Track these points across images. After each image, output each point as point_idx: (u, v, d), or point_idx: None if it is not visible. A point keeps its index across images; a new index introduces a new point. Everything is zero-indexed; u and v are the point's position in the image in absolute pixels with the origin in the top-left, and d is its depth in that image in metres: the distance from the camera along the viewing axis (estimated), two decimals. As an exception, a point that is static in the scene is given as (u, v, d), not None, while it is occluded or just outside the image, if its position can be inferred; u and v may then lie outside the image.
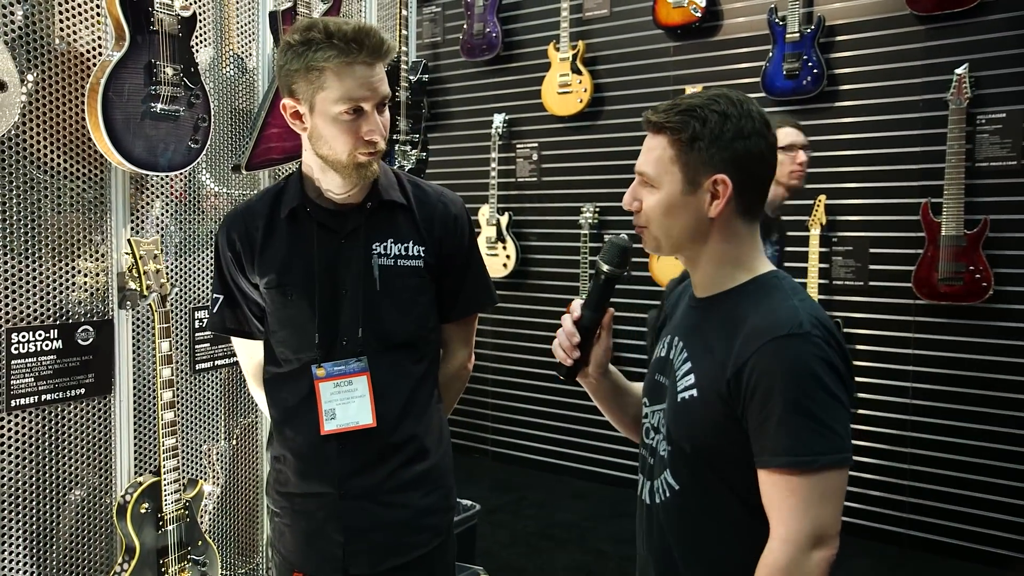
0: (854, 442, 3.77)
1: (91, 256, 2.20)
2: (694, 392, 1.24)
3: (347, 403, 1.55)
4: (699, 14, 4.05)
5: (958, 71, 3.41)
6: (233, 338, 1.76)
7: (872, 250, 3.73)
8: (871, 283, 3.73)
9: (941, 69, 3.54)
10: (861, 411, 3.77)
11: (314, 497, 1.60)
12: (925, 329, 3.62)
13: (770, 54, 3.86)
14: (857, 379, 3.77)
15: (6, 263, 2.03)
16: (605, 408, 1.51)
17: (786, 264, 3.89)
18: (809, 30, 3.75)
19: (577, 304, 1.39)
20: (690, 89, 4.10)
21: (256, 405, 2.69)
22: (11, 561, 2.06)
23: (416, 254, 1.59)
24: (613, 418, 1.53)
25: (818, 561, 1.14)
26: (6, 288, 2.03)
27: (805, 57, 3.76)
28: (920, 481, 3.63)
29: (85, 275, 2.19)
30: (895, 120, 3.67)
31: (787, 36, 3.78)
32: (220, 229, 1.67)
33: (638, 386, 1.51)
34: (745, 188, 1.25)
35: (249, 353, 1.74)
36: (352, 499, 1.57)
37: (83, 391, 2.17)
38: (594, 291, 1.37)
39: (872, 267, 3.73)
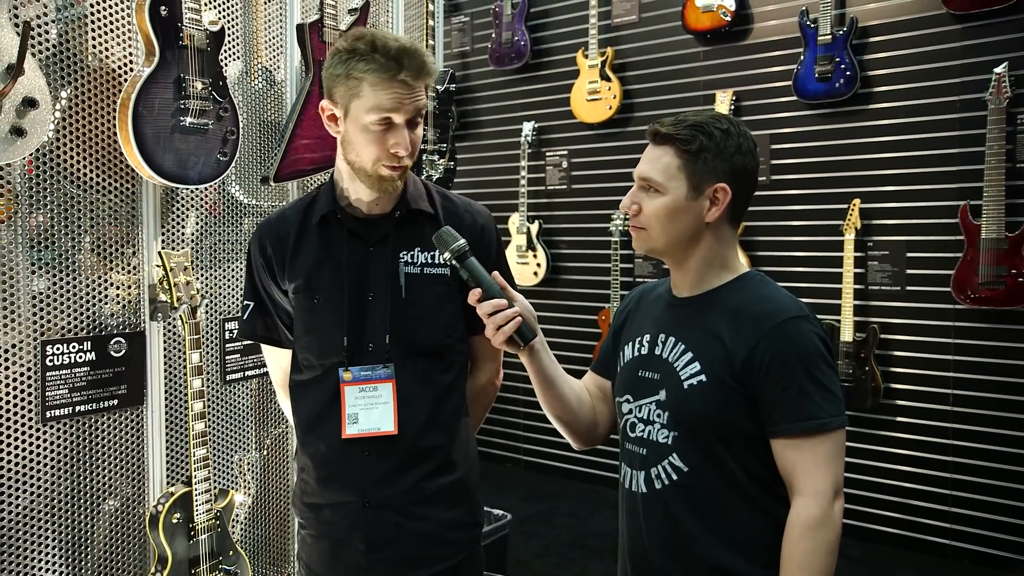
0: (895, 451, 3.70)
1: (123, 268, 2.23)
2: (702, 378, 1.38)
3: (370, 408, 1.55)
4: (729, 18, 4.01)
5: (997, 70, 3.33)
6: (263, 346, 1.78)
7: (909, 254, 3.65)
8: (908, 288, 3.65)
9: (979, 68, 3.46)
10: (901, 419, 3.69)
11: (338, 507, 1.60)
12: (965, 335, 3.53)
13: (802, 57, 3.81)
14: (897, 386, 3.69)
15: (41, 276, 2.06)
16: (545, 387, 1.56)
17: (820, 270, 3.83)
18: (841, 32, 3.70)
19: (472, 297, 1.45)
20: (720, 94, 4.06)
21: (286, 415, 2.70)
22: (46, 571, 2.09)
23: (442, 263, 1.59)
24: (550, 404, 1.58)
25: (839, 509, 1.32)
26: (41, 301, 2.06)
27: (838, 59, 3.70)
28: (963, 491, 3.54)
29: (117, 287, 2.23)
30: (932, 121, 3.59)
31: (819, 38, 3.73)
32: (253, 236, 1.70)
33: (569, 377, 1.61)
34: (739, 197, 1.43)
35: (278, 362, 1.75)
36: (375, 508, 1.57)
37: (116, 402, 2.20)
38: (470, 274, 1.46)
39: (909, 271, 3.65)
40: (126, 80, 2.18)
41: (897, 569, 3.49)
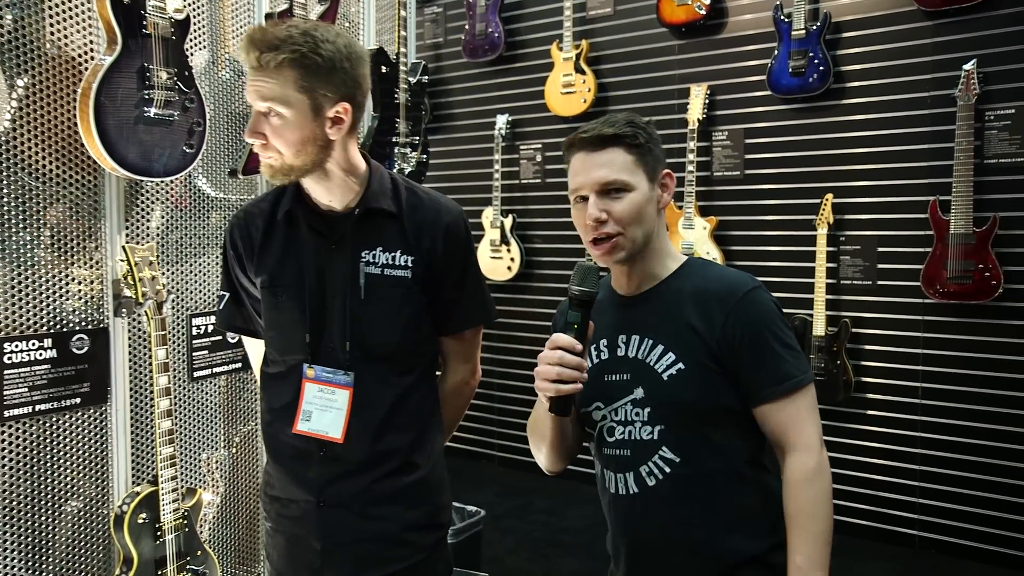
0: (863, 443, 3.73)
1: (86, 263, 2.17)
2: (680, 366, 1.41)
3: (324, 411, 1.54)
4: (704, 12, 4.00)
5: (966, 67, 3.36)
6: (242, 337, 1.76)
7: (880, 249, 3.67)
8: (879, 282, 3.68)
9: (949, 65, 3.48)
10: (870, 412, 3.72)
11: (296, 503, 1.58)
12: (934, 328, 3.56)
13: (776, 51, 3.82)
14: (866, 379, 3.72)
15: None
16: (556, 433, 1.55)
17: (793, 264, 3.85)
18: (815, 27, 3.71)
19: (562, 336, 1.38)
20: (695, 88, 4.05)
21: (255, 412, 2.66)
22: (7, 574, 2.03)
23: (404, 264, 1.56)
24: (556, 441, 1.57)
25: (826, 457, 1.39)
26: (-1, 297, 2.00)
27: (811, 54, 3.71)
28: (931, 482, 3.58)
29: (80, 283, 2.17)
30: (902, 117, 3.61)
31: (793, 33, 3.73)
32: (227, 228, 1.68)
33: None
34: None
35: (256, 352, 1.73)
36: (330, 508, 1.55)
37: (78, 400, 2.14)
38: (582, 318, 1.38)
39: (880, 266, 3.68)
40: (87, 69, 2.11)
41: (867, 560, 3.52)
